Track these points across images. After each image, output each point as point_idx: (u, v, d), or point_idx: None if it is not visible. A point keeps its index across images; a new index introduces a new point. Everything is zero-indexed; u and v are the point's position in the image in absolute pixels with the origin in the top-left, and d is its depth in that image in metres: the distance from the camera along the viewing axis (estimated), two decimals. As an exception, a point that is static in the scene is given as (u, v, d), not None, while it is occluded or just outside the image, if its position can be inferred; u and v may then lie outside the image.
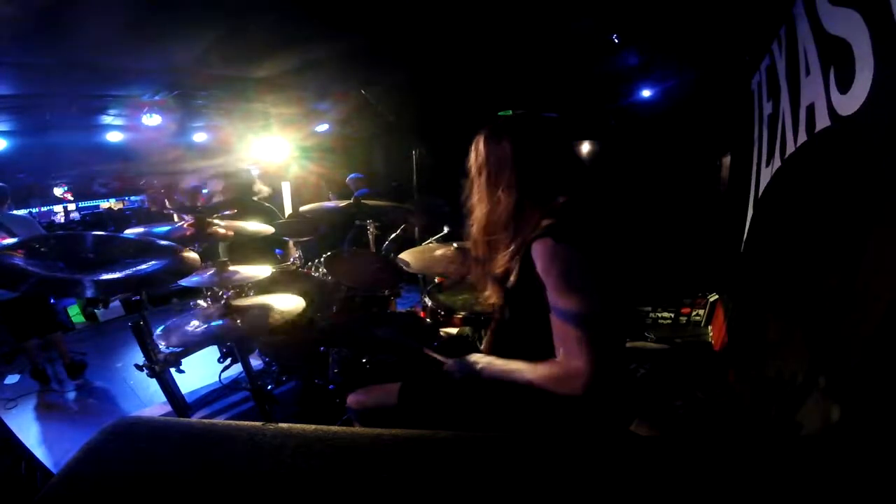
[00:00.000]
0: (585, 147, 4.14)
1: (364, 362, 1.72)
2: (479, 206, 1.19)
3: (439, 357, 1.33)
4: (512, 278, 1.11)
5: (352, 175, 5.22)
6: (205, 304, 1.95)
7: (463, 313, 2.03)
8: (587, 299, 0.97)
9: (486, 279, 1.23)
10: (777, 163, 2.16)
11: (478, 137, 1.19)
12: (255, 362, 2.31)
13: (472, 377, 1.18)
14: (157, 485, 0.69)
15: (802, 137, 1.80)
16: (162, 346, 1.83)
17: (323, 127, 5.68)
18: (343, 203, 2.50)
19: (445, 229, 2.56)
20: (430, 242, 2.42)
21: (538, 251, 1.01)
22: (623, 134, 4.07)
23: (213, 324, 1.64)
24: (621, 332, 1.24)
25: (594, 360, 0.95)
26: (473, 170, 1.20)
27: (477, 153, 1.19)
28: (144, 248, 1.66)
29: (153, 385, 2.12)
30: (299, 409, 2.32)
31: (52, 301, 3.35)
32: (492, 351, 1.28)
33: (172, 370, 2.07)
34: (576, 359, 0.97)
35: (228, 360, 2.32)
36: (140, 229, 2.15)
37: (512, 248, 1.11)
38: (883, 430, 1.02)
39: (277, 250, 3.10)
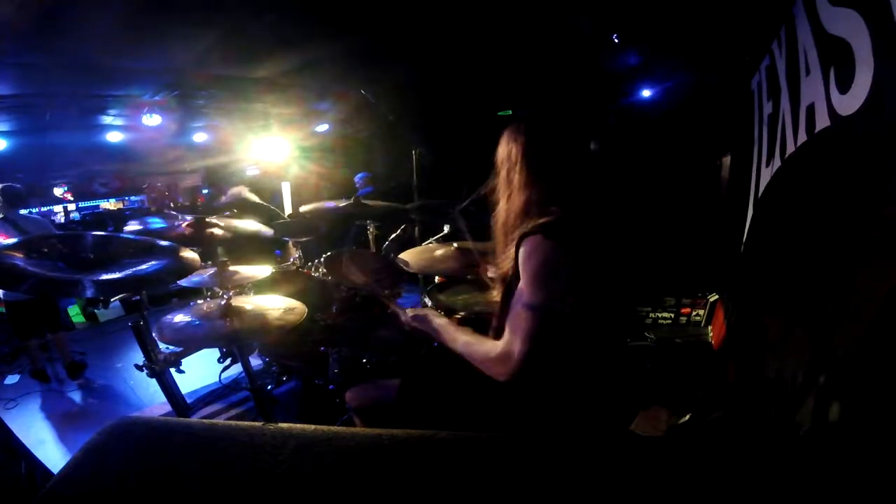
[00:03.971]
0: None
1: (364, 362, 1.72)
2: (500, 202, 1.22)
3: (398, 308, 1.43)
4: (510, 274, 1.12)
5: (359, 174, 5.26)
6: (204, 304, 1.95)
7: (463, 313, 2.03)
8: (546, 296, 1.00)
9: (497, 276, 1.25)
10: (777, 163, 2.16)
11: (504, 133, 1.22)
12: (255, 362, 2.31)
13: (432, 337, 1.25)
14: (157, 485, 0.69)
15: (802, 137, 1.79)
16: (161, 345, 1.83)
17: (323, 127, 5.68)
18: (343, 203, 2.50)
19: (445, 229, 2.56)
20: (430, 242, 2.42)
21: (525, 245, 1.04)
22: (623, 134, 4.07)
23: (212, 324, 1.64)
24: (612, 332, 1.24)
25: (527, 352, 0.99)
26: (497, 165, 1.23)
27: (499, 150, 1.21)
28: (144, 248, 1.66)
29: (153, 385, 2.12)
30: (299, 409, 2.31)
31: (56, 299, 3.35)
32: None
33: (172, 370, 2.07)
34: (513, 344, 1.01)
35: (228, 360, 2.32)
36: (136, 225, 2.16)
37: (512, 246, 1.12)
38: (882, 430, 1.02)
39: (277, 251, 3.10)
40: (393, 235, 2.41)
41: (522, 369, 1.00)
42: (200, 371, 2.60)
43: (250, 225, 2.43)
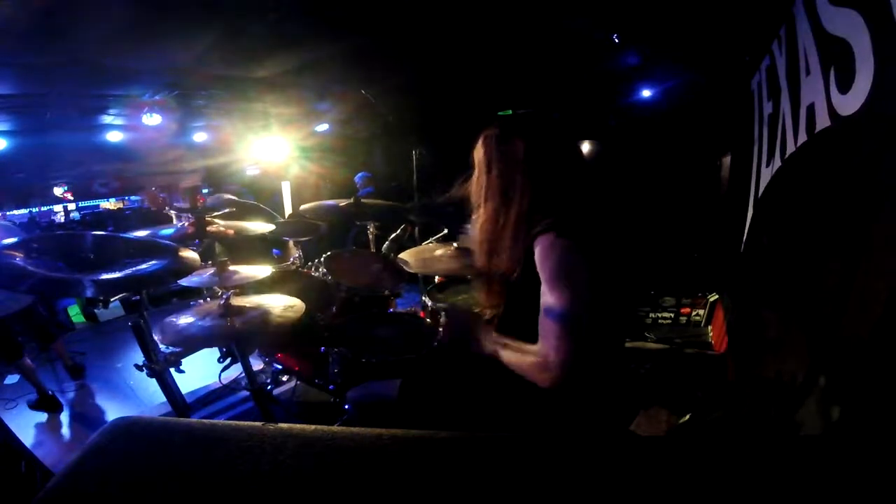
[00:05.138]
0: (585, 147, 4.15)
1: (364, 362, 1.72)
2: (487, 205, 1.17)
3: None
4: (515, 275, 1.11)
5: (359, 174, 5.26)
6: (204, 304, 1.95)
7: (463, 313, 2.03)
8: (573, 295, 0.97)
9: (490, 277, 1.23)
10: (777, 163, 2.16)
11: (485, 133, 1.17)
12: (255, 362, 2.31)
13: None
14: (157, 485, 0.69)
15: (802, 137, 1.80)
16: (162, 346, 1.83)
17: (323, 127, 5.68)
18: (343, 203, 2.50)
19: (445, 229, 2.56)
20: (430, 242, 2.42)
21: (539, 245, 1.02)
22: (623, 134, 4.07)
23: (212, 324, 1.64)
24: (616, 333, 1.24)
25: (565, 356, 0.96)
26: (480, 166, 1.18)
27: (485, 150, 1.16)
28: (144, 247, 1.66)
29: (153, 385, 2.12)
30: (299, 409, 2.31)
31: (42, 311, 3.20)
32: None
33: (172, 370, 2.07)
34: (549, 351, 0.98)
35: (228, 360, 2.32)
36: (146, 232, 2.16)
37: (517, 247, 1.10)
38: (883, 430, 1.02)
39: (275, 250, 3.10)
40: (393, 235, 2.41)
41: (564, 374, 0.96)
42: (200, 371, 2.60)
43: (249, 225, 2.43)
